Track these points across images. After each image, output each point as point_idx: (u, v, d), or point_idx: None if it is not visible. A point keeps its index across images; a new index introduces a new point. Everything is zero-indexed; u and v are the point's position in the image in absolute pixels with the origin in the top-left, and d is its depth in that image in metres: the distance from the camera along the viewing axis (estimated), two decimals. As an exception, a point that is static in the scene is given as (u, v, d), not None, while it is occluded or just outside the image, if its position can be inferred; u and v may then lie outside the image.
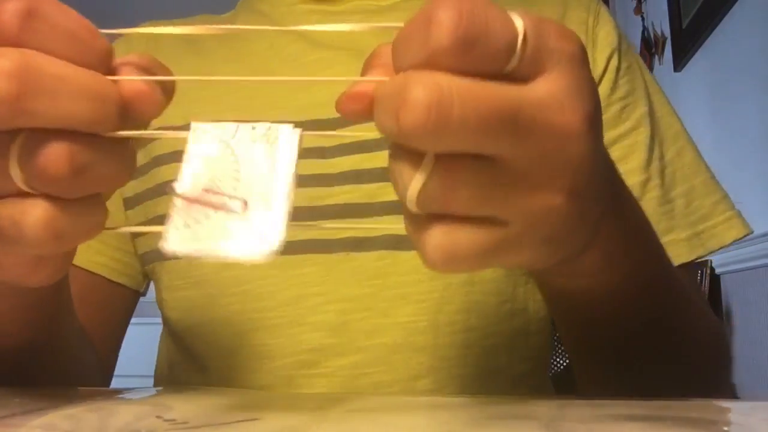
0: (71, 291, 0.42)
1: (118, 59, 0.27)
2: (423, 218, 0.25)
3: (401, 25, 0.24)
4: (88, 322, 0.53)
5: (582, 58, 0.25)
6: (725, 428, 0.27)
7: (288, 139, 0.26)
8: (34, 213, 0.24)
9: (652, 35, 2.36)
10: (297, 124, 0.26)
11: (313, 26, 0.28)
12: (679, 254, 0.51)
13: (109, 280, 0.57)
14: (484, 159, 0.24)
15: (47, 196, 0.25)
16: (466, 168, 0.24)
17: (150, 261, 0.56)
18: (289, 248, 0.26)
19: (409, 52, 0.23)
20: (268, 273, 0.50)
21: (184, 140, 0.27)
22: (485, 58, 0.22)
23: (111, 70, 0.26)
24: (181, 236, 0.25)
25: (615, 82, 0.54)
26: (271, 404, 0.33)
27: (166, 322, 0.56)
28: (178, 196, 0.25)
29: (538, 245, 0.27)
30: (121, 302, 0.59)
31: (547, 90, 0.24)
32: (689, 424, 0.26)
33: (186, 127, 0.27)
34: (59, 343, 0.44)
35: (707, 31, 1.85)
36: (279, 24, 0.58)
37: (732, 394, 0.52)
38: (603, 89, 0.54)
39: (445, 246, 0.24)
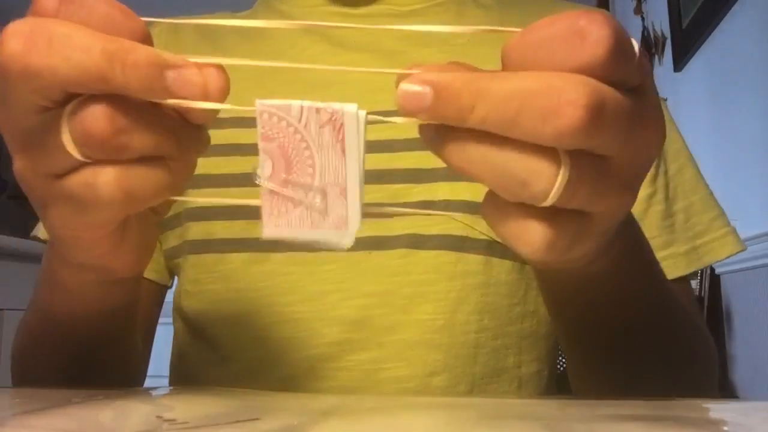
0: None
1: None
2: (528, 212, 0.27)
3: (515, 30, 0.26)
4: None
5: None
6: (725, 428, 0.27)
7: (353, 122, 0.27)
8: (104, 173, 0.27)
9: (652, 35, 2.36)
10: None
11: (438, 27, 0.28)
12: (678, 267, 0.53)
13: None
14: (598, 157, 0.26)
15: (108, 162, 0.27)
16: (588, 165, 0.26)
17: (175, 256, 0.57)
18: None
19: (553, 58, 0.25)
20: (293, 269, 0.51)
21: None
22: (623, 70, 0.25)
23: None
24: (276, 223, 0.27)
25: None
26: (271, 404, 0.33)
27: (184, 314, 0.57)
28: (264, 185, 0.27)
29: (598, 236, 0.29)
30: (150, 297, 0.60)
31: (648, 97, 0.27)
32: (689, 424, 0.26)
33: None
34: (123, 341, 0.46)
35: (707, 31, 1.84)
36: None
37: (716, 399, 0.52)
38: None
39: (549, 238, 0.27)
